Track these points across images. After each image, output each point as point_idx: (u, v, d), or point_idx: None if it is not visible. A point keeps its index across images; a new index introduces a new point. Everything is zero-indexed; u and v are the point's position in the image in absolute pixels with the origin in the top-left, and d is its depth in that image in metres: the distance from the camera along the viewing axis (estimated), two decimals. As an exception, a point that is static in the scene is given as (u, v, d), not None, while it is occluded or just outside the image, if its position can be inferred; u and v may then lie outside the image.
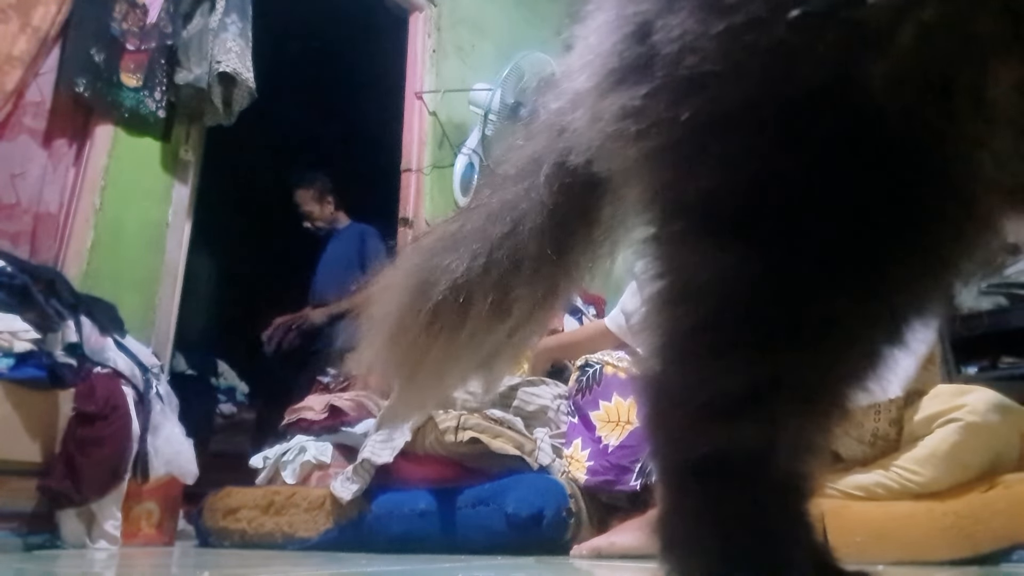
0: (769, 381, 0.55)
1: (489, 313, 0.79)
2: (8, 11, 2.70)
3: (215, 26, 3.10)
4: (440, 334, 0.81)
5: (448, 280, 0.80)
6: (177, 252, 3.17)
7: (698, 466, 0.58)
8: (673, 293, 0.60)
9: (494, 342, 0.83)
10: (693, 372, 0.58)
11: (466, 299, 0.79)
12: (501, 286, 0.79)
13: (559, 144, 0.74)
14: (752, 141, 0.53)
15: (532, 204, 0.77)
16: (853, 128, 0.50)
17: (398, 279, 0.86)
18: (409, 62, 4.11)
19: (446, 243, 0.83)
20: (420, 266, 0.84)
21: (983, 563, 1.53)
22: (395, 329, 0.84)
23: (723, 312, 0.56)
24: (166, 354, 3.06)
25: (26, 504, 2.16)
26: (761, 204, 0.53)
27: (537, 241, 0.77)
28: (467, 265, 0.79)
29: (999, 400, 1.65)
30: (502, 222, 0.79)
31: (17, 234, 2.71)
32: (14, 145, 2.74)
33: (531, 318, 0.82)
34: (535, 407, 2.25)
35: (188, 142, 3.24)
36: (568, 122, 0.71)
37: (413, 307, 0.82)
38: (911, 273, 0.55)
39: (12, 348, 2.17)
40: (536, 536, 1.91)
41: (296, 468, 2.54)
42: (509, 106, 3.79)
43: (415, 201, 3.90)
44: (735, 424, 0.56)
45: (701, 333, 0.58)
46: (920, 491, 1.63)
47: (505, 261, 0.78)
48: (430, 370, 0.84)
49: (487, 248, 0.79)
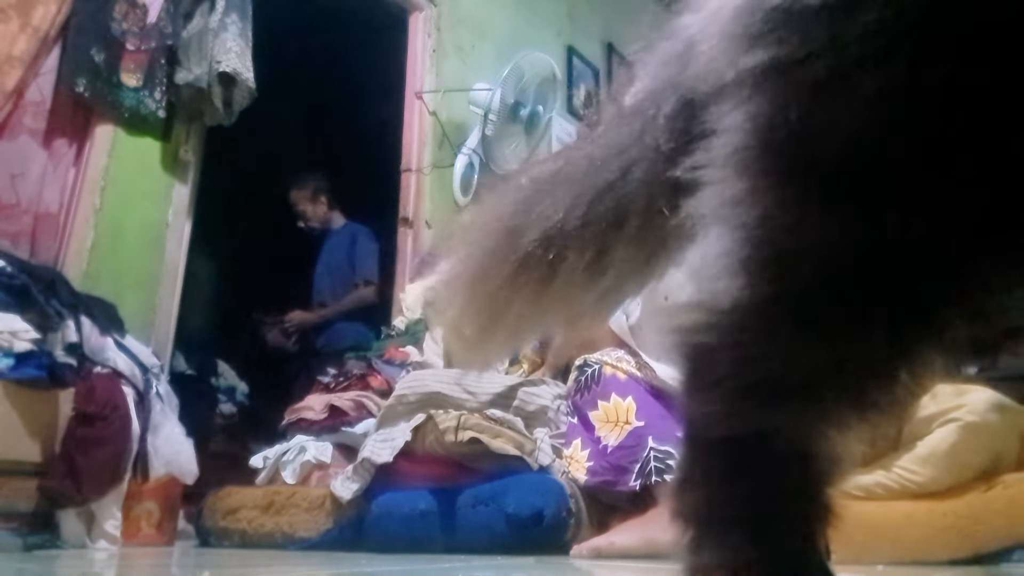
0: (834, 371, 0.50)
1: (583, 272, 0.70)
2: (8, 11, 2.70)
3: (215, 26, 3.10)
4: (525, 288, 0.72)
5: (540, 229, 0.70)
6: (177, 252, 3.17)
7: (730, 448, 0.53)
8: (755, 255, 0.51)
9: (583, 302, 0.74)
10: (750, 348, 0.52)
11: (558, 253, 0.69)
12: (600, 243, 0.69)
13: (686, 76, 0.61)
14: (922, 78, 0.43)
15: (645, 149, 0.66)
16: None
17: (487, 218, 0.78)
18: (409, 62, 4.11)
19: (542, 185, 0.74)
20: (511, 208, 0.75)
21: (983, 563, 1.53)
22: (477, 275, 0.75)
23: (808, 287, 0.49)
24: (166, 354, 3.06)
25: (26, 504, 2.16)
26: (917, 168, 0.45)
27: (647, 195, 0.66)
28: (563, 215, 0.69)
29: (999, 400, 1.65)
30: (608, 168, 0.68)
31: (17, 234, 2.70)
32: (14, 145, 2.73)
33: (628, 282, 0.73)
34: (535, 407, 2.25)
35: (188, 142, 3.24)
36: (700, 46, 0.58)
37: (499, 254, 0.73)
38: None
39: (12, 348, 2.17)
40: (536, 536, 1.91)
41: (296, 468, 2.54)
42: (509, 106, 3.79)
43: (415, 201, 3.90)
44: (784, 409, 0.52)
45: (773, 306, 0.50)
46: (920, 491, 1.63)
47: (608, 214, 0.68)
48: (508, 324, 0.76)
49: (588, 197, 0.69)
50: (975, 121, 0.44)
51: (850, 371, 0.50)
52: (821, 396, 0.51)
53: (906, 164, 0.45)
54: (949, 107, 0.44)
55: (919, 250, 0.46)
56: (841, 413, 0.52)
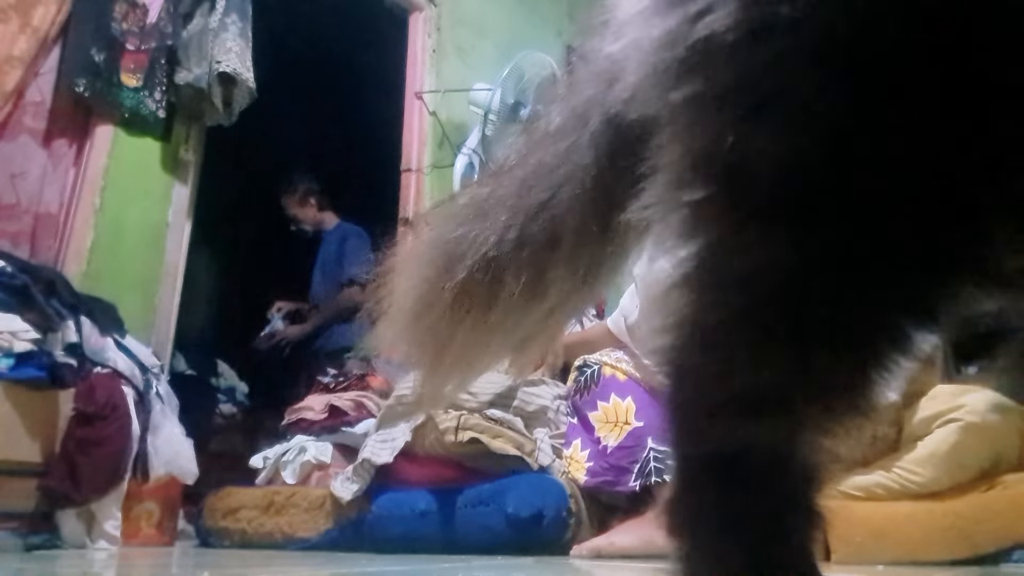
0: (801, 380, 0.51)
1: (522, 293, 0.70)
2: (8, 11, 2.70)
3: (215, 26, 3.10)
4: (468, 314, 0.72)
5: (476, 254, 0.70)
6: (177, 252, 3.17)
7: (715, 461, 0.55)
8: (712, 278, 0.53)
9: (528, 325, 0.74)
10: (722, 363, 0.53)
11: (496, 276, 0.70)
12: (536, 263, 0.69)
13: (609, 94, 0.62)
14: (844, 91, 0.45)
15: (574, 168, 0.67)
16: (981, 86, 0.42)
17: (422, 250, 0.78)
18: (409, 62, 4.11)
19: (475, 210, 0.74)
20: (446, 236, 0.74)
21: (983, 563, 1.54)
22: (418, 306, 0.75)
23: (767, 303, 0.50)
24: (166, 354, 3.06)
25: (26, 504, 2.16)
26: (841, 181, 0.46)
27: (578, 212, 0.66)
28: (497, 238, 0.69)
29: (998, 400, 1.66)
30: (538, 188, 0.68)
31: (17, 234, 2.71)
32: (14, 145, 2.73)
33: (571, 300, 0.73)
34: (535, 407, 2.25)
35: (188, 142, 3.24)
36: (618, 64, 0.60)
37: (438, 282, 0.73)
38: (988, 282, 0.49)
39: (12, 348, 2.17)
40: (536, 536, 1.91)
41: (296, 468, 2.54)
42: (509, 106, 3.79)
43: (415, 201, 3.90)
44: (759, 421, 0.53)
45: (738, 323, 0.52)
46: (920, 491, 1.63)
47: (541, 235, 0.68)
48: (457, 353, 0.76)
49: (521, 219, 0.69)
50: (883, 136, 0.46)
51: (815, 379, 0.52)
52: (793, 406, 0.53)
53: (830, 182, 0.47)
54: (857, 126, 0.46)
55: (854, 260, 0.48)
56: (817, 420, 0.54)
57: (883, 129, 0.46)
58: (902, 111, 0.45)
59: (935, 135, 0.45)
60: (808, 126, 0.46)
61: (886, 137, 0.46)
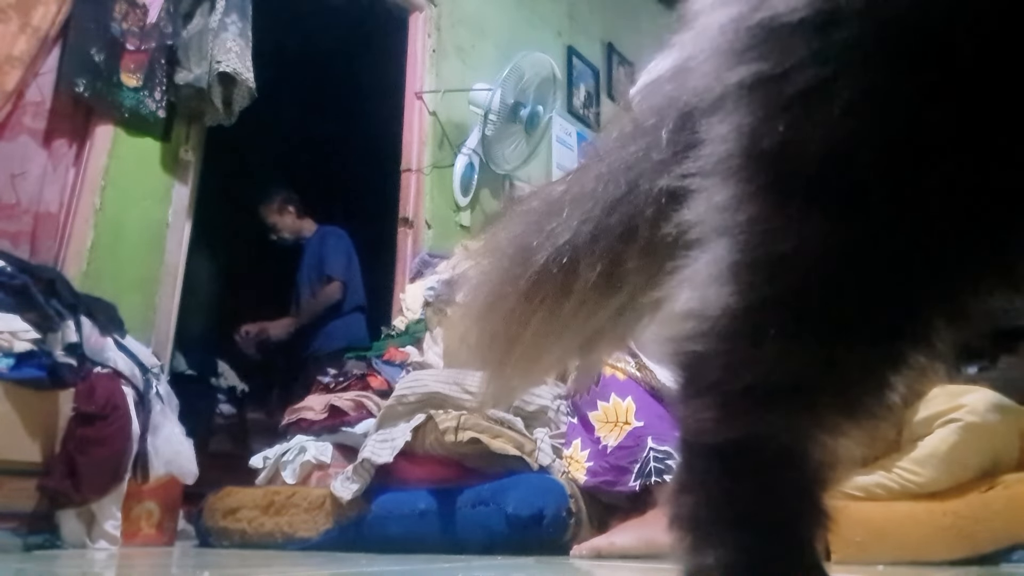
0: (820, 373, 0.51)
1: (596, 285, 0.70)
2: (8, 11, 2.70)
3: (215, 26, 3.10)
4: (541, 305, 0.72)
5: (552, 246, 0.71)
6: (177, 252, 3.17)
7: (725, 452, 0.54)
8: (746, 259, 0.52)
9: (600, 320, 0.74)
10: (742, 352, 0.53)
11: (571, 267, 0.70)
12: (611, 255, 0.69)
13: (685, 93, 0.63)
14: (902, 81, 0.45)
15: (653, 164, 0.67)
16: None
17: (498, 243, 0.78)
18: (409, 62, 4.11)
19: (551, 207, 0.74)
20: (523, 229, 0.75)
21: (983, 563, 1.53)
22: (492, 297, 0.76)
23: (795, 292, 0.50)
24: (166, 354, 3.06)
25: (26, 504, 2.16)
26: (890, 171, 0.46)
27: (655, 206, 0.66)
28: (574, 230, 0.70)
29: (999, 400, 1.65)
30: (616, 183, 0.69)
31: (17, 234, 2.71)
32: (14, 145, 2.74)
33: (645, 295, 0.72)
34: (535, 407, 2.25)
35: (188, 142, 3.24)
36: (693, 62, 0.61)
37: (512, 273, 0.73)
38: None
39: (12, 348, 2.17)
40: (536, 536, 1.91)
41: (296, 468, 2.54)
42: (509, 106, 3.79)
43: (415, 201, 3.90)
44: (774, 413, 0.52)
45: (762, 311, 0.51)
46: (920, 491, 1.63)
47: (618, 227, 0.68)
48: (528, 345, 0.75)
49: (597, 212, 0.69)
50: (945, 129, 0.46)
51: (839, 374, 0.51)
52: (812, 400, 0.52)
53: (882, 170, 0.47)
54: (919, 116, 0.46)
55: (899, 254, 0.48)
56: (833, 417, 0.53)
57: (938, 122, 0.46)
58: (959, 105, 0.45)
59: (990, 130, 0.45)
60: (863, 113, 0.46)
61: (940, 130, 0.46)
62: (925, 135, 0.46)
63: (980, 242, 0.48)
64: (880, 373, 0.52)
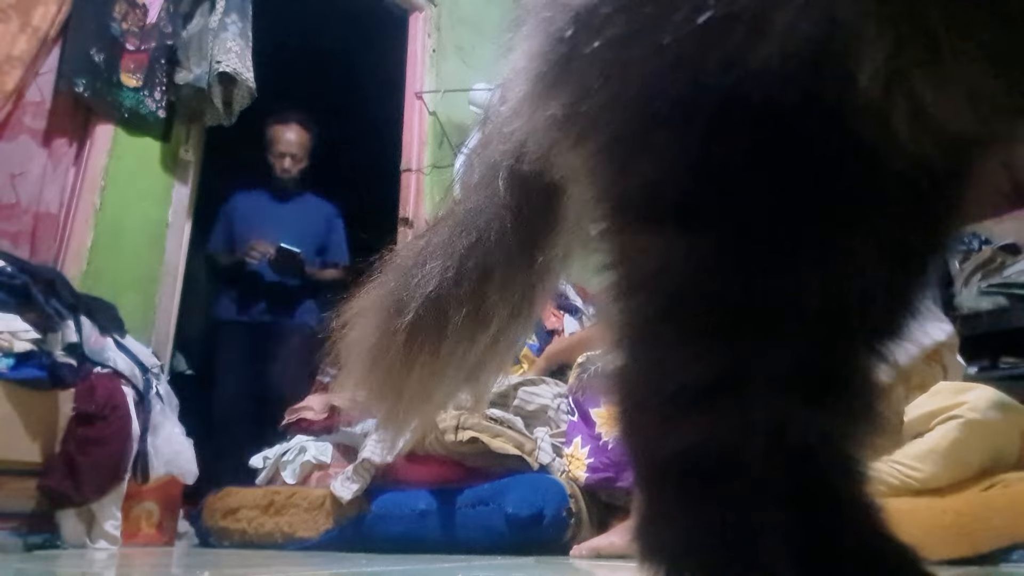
0: (735, 368, 0.53)
1: (467, 324, 0.78)
2: (8, 11, 2.70)
3: (215, 26, 3.10)
4: (420, 352, 0.80)
5: (420, 296, 0.79)
6: (177, 252, 3.17)
7: (673, 465, 0.55)
8: (627, 284, 0.58)
9: (477, 352, 0.82)
10: (656, 365, 0.56)
11: (441, 313, 0.78)
12: (475, 295, 0.78)
13: (510, 148, 0.73)
14: (685, 133, 0.52)
15: (495, 210, 0.76)
16: (773, 111, 0.49)
17: (371, 301, 0.85)
18: (409, 62, 4.11)
19: (415, 260, 0.82)
20: (392, 286, 0.83)
21: (983, 562, 1.53)
22: (373, 352, 0.82)
23: (677, 299, 0.55)
24: (166, 354, 3.06)
25: (26, 504, 2.16)
26: (701, 191, 0.53)
27: (504, 246, 0.76)
28: (438, 279, 0.78)
29: (1000, 398, 1.65)
30: (468, 232, 0.78)
31: (17, 234, 2.71)
32: (14, 145, 2.74)
33: (512, 323, 0.81)
34: (535, 406, 2.25)
35: (188, 142, 3.25)
36: (513, 128, 0.70)
37: (388, 327, 0.80)
38: (861, 249, 0.53)
39: (12, 348, 2.17)
40: (536, 536, 1.91)
41: (296, 468, 2.55)
42: (509, 106, 3.78)
43: (415, 201, 3.90)
44: (706, 417, 0.53)
45: (658, 323, 0.56)
46: (920, 487, 1.63)
47: (475, 270, 0.77)
48: (415, 389, 0.83)
49: (456, 259, 0.78)
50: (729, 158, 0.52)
51: (757, 369, 0.53)
52: (743, 399, 0.53)
53: (695, 198, 0.53)
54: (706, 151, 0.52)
55: (739, 252, 0.53)
56: (771, 413, 0.54)
57: (723, 155, 0.51)
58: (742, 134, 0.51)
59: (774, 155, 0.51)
60: (671, 159, 0.53)
61: (725, 160, 0.51)
62: (717, 166, 0.52)
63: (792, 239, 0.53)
64: (790, 359, 0.54)
